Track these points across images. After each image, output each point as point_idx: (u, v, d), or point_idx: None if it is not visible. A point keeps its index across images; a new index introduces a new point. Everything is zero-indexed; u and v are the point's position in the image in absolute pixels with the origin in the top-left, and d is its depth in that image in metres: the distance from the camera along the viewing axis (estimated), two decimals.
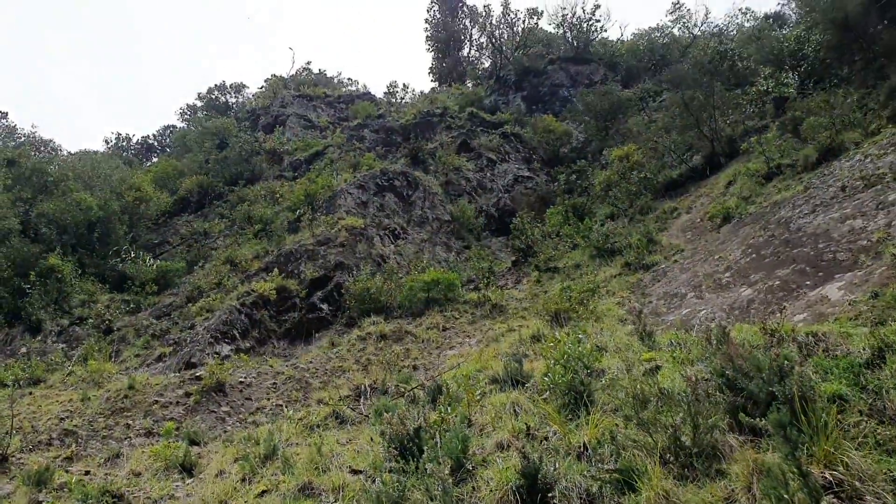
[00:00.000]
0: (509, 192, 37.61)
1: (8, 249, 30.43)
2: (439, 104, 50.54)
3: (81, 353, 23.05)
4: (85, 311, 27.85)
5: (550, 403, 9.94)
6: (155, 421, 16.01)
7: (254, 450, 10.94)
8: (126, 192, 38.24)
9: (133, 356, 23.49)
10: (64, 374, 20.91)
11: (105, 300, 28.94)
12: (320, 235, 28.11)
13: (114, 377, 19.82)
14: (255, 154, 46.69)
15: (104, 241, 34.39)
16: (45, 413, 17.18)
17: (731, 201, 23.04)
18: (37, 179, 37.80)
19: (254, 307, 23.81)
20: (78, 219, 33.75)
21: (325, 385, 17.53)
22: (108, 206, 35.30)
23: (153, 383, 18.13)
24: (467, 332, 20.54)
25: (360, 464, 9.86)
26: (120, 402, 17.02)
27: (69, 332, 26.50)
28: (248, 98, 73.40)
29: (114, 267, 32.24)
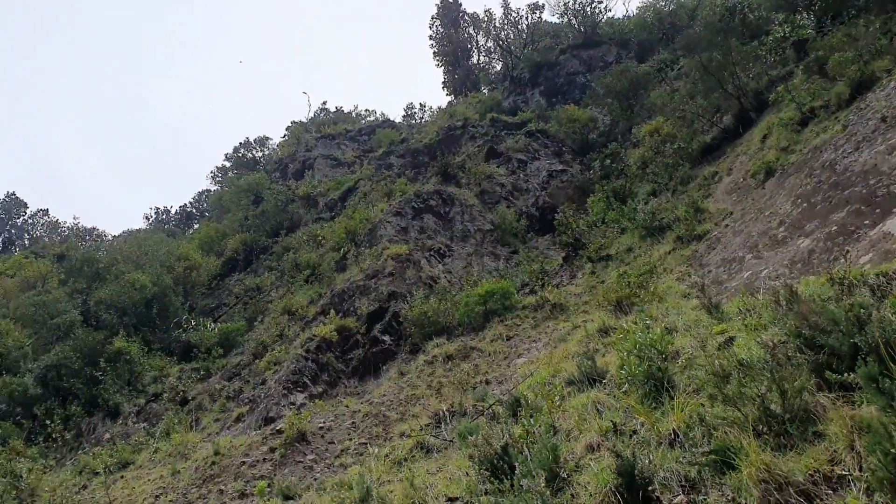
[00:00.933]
0: (546, 189, 37.43)
1: (74, 341, 31.34)
2: (459, 116, 50.65)
3: (163, 429, 23.53)
4: (158, 387, 28.46)
5: (631, 396, 9.82)
6: (246, 482, 16.22)
7: (348, 495, 11.01)
8: (175, 264, 39.09)
9: (212, 422, 23.88)
10: (150, 452, 21.37)
11: (175, 372, 29.53)
12: (368, 269, 28.31)
13: (198, 446, 20.18)
14: (290, 202, 47.35)
15: (163, 315, 35.17)
16: (140, 494, 17.56)
17: (770, 155, 22.58)
18: (88, 268, 38.94)
19: (318, 351, 24.04)
20: (135, 299, 34.58)
21: (403, 416, 17.58)
22: (161, 280, 36.11)
23: (237, 445, 18.40)
24: (532, 337, 20.43)
25: (455, 491, 9.85)
26: (209, 470, 17.30)
27: (147, 410, 27.10)
28: (273, 149, 74.59)
29: (177, 338, 32.95)
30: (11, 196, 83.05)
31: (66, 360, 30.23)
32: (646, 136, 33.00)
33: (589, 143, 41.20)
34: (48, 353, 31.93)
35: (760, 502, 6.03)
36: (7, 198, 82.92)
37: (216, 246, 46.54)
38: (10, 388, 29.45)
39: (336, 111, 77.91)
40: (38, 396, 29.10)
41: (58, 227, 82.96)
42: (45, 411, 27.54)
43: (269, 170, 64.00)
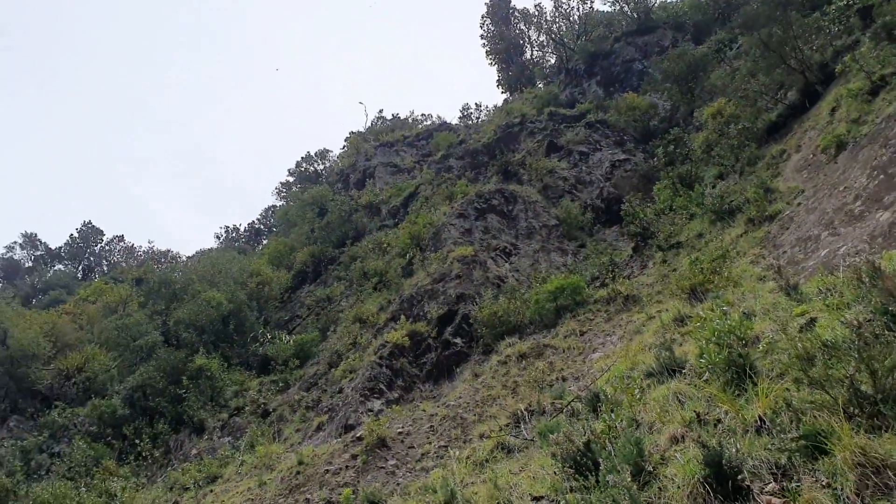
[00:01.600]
0: (609, 180, 36.97)
1: (157, 361, 32.43)
2: (516, 113, 50.40)
3: (247, 442, 24.12)
4: (240, 401, 29.18)
5: (713, 384, 9.64)
6: (331, 490, 16.49)
7: (432, 498, 11.09)
8: (248, 280, 40.02)
9: (294, 432, 24.36)
10: (236, 465, 21.92)
11: (255, 385, 30.23)
12: (435, 273, 28.46)
13: (282, 457, 20.60)
14: (353, 212, 47.96)
15: (240, 330, 36.07)
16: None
17: (840, 127, 21.80)
18: (165, 290, 40.20)
19: (391, 358, 24.29)
20: (212, 316, 35.54)
21: (481, 417, 17.60)
22: (236, 297, 37.03)
23: (320, 454, 18.72)
24: (606, 330, 20.20)
25: (539, 489, 9.82)
26: (294, 480, 17.65)
27: (231, 424, 27.81)
28: (333, 161, 75.68)
29: (255, 352, 33.72)
30: (88, 224, 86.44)
31: (151, 379, 31.30)
32: (708, 119, 32.25)
33: (651, 131, 40.51)
34: (133, 374, 33.13)
35: (857, 486, 5.85)
36: (84, 226, 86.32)
37: (285, 260, 47.49)
38: (100, 411, 30.64)
39: (393, 118, 78.57)
40: (126, 417, 30.18)
41: (133, 251, 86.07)
42: (134, 431, 28.56)
43: (332, 181, 64.96)
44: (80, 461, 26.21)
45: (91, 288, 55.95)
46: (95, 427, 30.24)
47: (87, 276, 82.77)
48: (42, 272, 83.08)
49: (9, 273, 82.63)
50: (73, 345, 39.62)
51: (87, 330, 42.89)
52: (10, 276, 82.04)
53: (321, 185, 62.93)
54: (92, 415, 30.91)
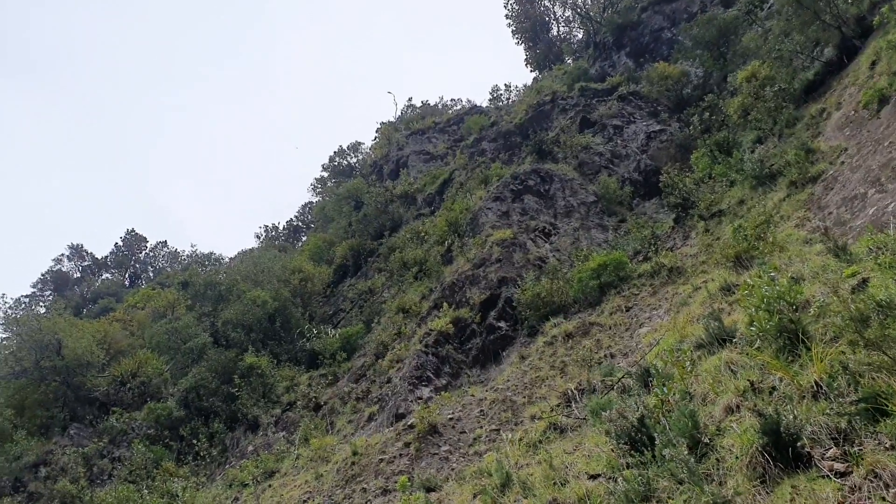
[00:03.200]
0: (646, 152, 36.49)
1: (208, 362, 33.05)
2: (546, 91, 49.94)
3: (301, 435, 24.44)
4: (291, 396, 29.57)
5: (765, 352, 9.51)
6: (386, 478, 16.65)
7: (488, 481, 11.13)
8: (290, 277, 40.42)
9: (346, 423, 24.61)
10: (292, 459, 22.24)
11: (305, 380, 30.59)
12: (474, 258, 28.42)
13: (336, 448, 20.85)
14: (389, 203, 48.06)
15: (286, 326, 36.50)
16: (288, 500, 18.33)
17: (882, 81, 21.17)
18: (211, 292, 40.82)
19: (437, 345, 24.36)
20: (258, 315, 36.03)
21: (530, 399, 17.59)
22: (280, 294, 37.47)
23: (373, 444, 18.90)
24: (652, 304, 20.00)
25: (595, 467, 9.80)
26: (350, 470, 17.85)
27: (284, 419, 28.20)
28: (366, 153, 75.91)
29: (302, 348, 34.11)
30: (131, 233, 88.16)
31: (203, 380, 31.93)
32: (743, 83, 31.56)
33: (684, 99, 39.83)
34: (186, 376, 33.82)
35: None
36: (128, 234, 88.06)
37: (325, 255, 47.87)
38: (156, 414, 31.35)
39: (422, 105, 78.48)
40: (182, 418, 30.84)
41: (177, 256, 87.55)
42: (191, 431, 29.16)
43: (365, 174, 65.17)
44: (140, 464, 26.84)
45: (139, 294, 57.17)
46: (153, 430, 30.93)
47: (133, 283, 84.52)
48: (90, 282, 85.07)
49: (59, 285, 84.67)
50: (125, 351, 40.52)
51: (138, 335, 43.80)
52: (60, 287, 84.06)
53: (355, 178, 63.22)
54: (149, 418, 31.62)
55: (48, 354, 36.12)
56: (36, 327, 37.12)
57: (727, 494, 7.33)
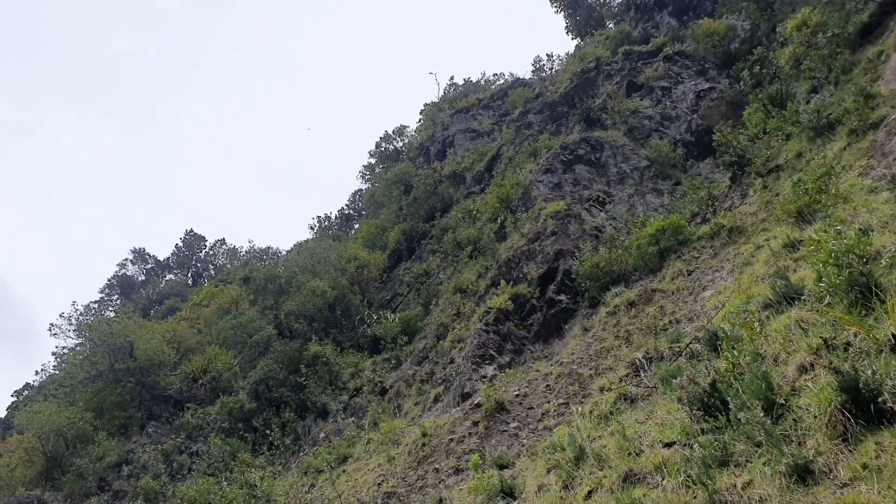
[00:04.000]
0: (696, 112, 35.60)
1: (274, 354, 33.74)
2: (590, 58, 49.06)
3: (370, 420, 24.79)
4: (357, 382, 29.98)
5: (836, 308, 9.24)
6: (457, 458, 16.75)
7: (562, 456, 11.07)
8: (346, 265, 40.86)
9: (413, 405, 24.83)
10: (363, 444, 22.57)
11: (369, 365, 30.95)
12: (529, 233, 28.22)
13: (406, 431, 21.06)
14: (438, 184, 48.01)
15: (346, 314, 36.96)
16: (363, 484, 18.60)
17: None
18: (271, 285, 41.55)
19: (497, 323, 24.33)
20: (318, 305, 36.55)
21: (597, 370, 17.45)
22: (338, 283, 37.91)
23: (441, 424, 19.03)
24: (714, 266, 19.58)
25: (669, 435, 9.67)
26: (421, 452, 18.02)
27: (352, 404, 28.62)
28: (412, 136, 75.88)
29: (364, 334, 34.52)
30: (190, 233, 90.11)
31: (271, 372, 32.60)
32: (793, 32, 30.49)
33: (732, 54, 38.68)
34: (254, 369, 34.57)
35: None
36: (187, 235, 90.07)
37: (379, 241, 48.20)
38: (229, 407, 32.14)
39: (465, 83, 77.95)
40: (254, 410, 31.55)
41: (236, 252, 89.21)
42: (263, 422, 29.81)
43: (412, 157, 65.19)
44: (217, 457, 27.60)
45: (202, 292, 58.52)
46: (227, 423, 31.74)
47: (196, 281, 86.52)
48: (155, 283, 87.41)
49: (125, 289, 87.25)
50: (194, 348, 41.61)
51: (206, 333, 44.91)
52: (127, 291, 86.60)
53: (403, 161, 63.28)
54: (222, 412, 32.45)
55: (121, 357, 37.31)
56: (108, 331, 38.35)
57: (808, 455, 7.16)
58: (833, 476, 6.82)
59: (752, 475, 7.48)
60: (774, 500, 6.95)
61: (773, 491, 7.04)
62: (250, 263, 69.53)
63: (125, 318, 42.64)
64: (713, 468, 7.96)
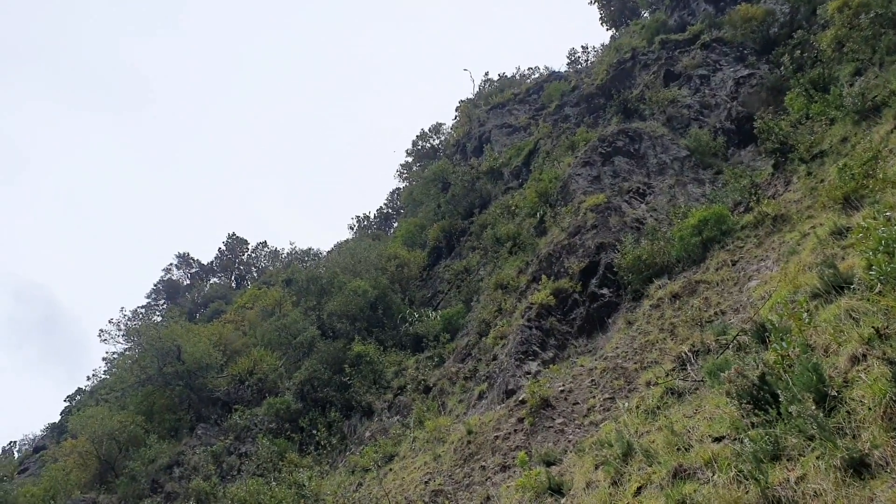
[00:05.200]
0: (736, 99, 34.99)
1: (318, 354, 34.09)
2: (625, 48, 48.51)
3: (415, 418, 24.88)
4: (401, 380, 30.13)
5: (888, 296, 9.04)
6: (503, 455, 16.75)
7: (609, 452, 11.01)
8: (387, 264, 41.05)
9: (457, 403, 24.88)
10: (409, 442, 22.69)
11: (412, 364, 31.08)
12: (569, 227, 28.05)
13: (451, 428, 21.11)
14: (476, 180, 47.98)
15: (388, 313, 37.16)
16: (410, 482, 18.70)
17: None
18: (313, 286, 41.93)
19: (539, 318, 24.23)
20: (360, 304, 36.81)
21: (642, 364, 17.28)
22: (379, 282, 38.14)
23: (486, 421, 19.03)
24: (759, 256, 19.25)
25: (719, 430, 9.55)
26: (466, 450, 18.05)
27: (396, 403, 28.78)
28: (448, 133, 75.85)
29: (406, 332, 34.68)
30: (233, 236, 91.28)
31: (316, 372, 32.95)
32: (834, 14, 29.81)
33: (772, 39, 37.93)
34: (299, 369, 34.98)
35: None
36: (230, 238, 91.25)
37: (418, 239, 48.35)
38: (276, 408, 32.56)
39: (500, 78, 77.62)
40: (300, 410, 31.93)
41: (278, 255, 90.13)
42: (310, 422, 30.17)
43: (449, 154, 65.21)
44: (265, 458, 27.97)
45: (246, 295, 59.29)
46: (274, 424, 32.15)
47: (240, 284, 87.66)
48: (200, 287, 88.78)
49: (170, 293, 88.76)
50: (240, 350, 42.18)
51: (250, 335, 45.48)
52: (172, 295, 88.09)
53: (440, 159, 63.34)
54: (269, 413, 32.88)
55: (170, 360, 37.99)
56: (156, 336, 39.10)
57: (863, 448, 7.02)
58: (890, 469, 6.68)
59: (806, 469, 7.36)
60: (830, 495, 6.82)
61: (827, 485, 6.92)
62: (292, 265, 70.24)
63: (172, 323, 43.41)
64: (765, 463, 7.84)
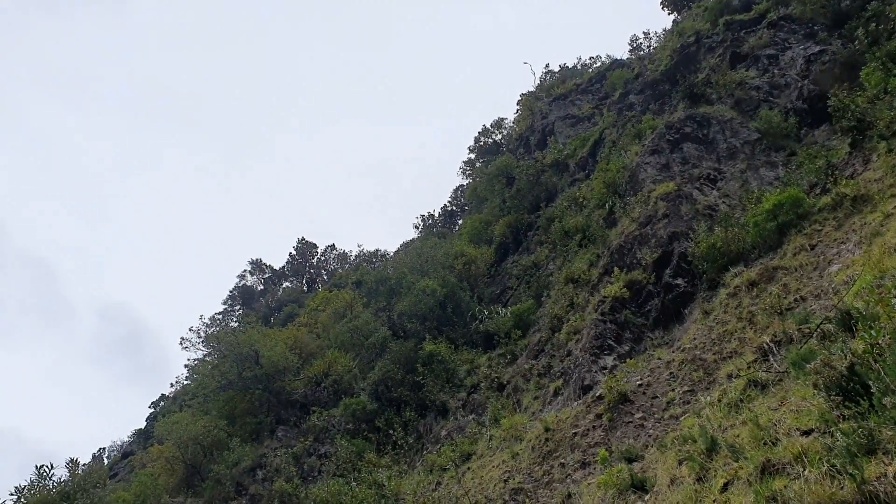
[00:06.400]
0: (807, 77, 33.74)
1: (391, 354, 34.36)
2: (689, 32, 47.33)
3: (490, 416, 24.83)
4: (474, 379, 30.07)
5: None
6: (583, 451, 16.54)
7: (693, 447, 10.72)
8: (454, 262, 41.07)
9: (532, 400, 24.71)
10: (485, 440, 22.62)
11: (484, 361, 30.98)
12: (639, 217, 27.53)
13: (527, 426, 20.98)
14: (541, 173, 47.58)
15: (457, 311, 37.15)
16: (489, 480, 18.64)
17: None
18: (383, 287, 42.38)
19: (613, 311, 23.87)
20: (429, 303, 36.91)
21: (721, 355, 16.82)
22: (447, 281, 38.17)
23: (563, 418, 18.83)
24: (839, 239, 18.51)
25: (807, 423, 9.18)
26: (544, 447, 17.88)
27: (470, 401, 28.75)
28: (510, 128, 75.45)
29: (476, 330, 34.62)
30: (302, 241, 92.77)
31: (389, 372, 33.22)
32: None
33: (843, 13, 36.42)
34: (373, 370, 35.30)
35: None
36: (300, 243, 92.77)
37: (484, 235, 48.19)
38: (352, 409, 32.96)
39: (561, 69, 76.85)
40: (375, 410, 32.24)
41: (346, 257, 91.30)
42: (385, 422, 30.42)
43: (512, 148, 64.84)
44: (345, 458, 28.34)
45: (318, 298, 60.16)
46: (351, 424, 32.56)
47: (311, 287, 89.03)
48: (273, 292, 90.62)
49: (245, 299, 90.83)
50: (315, 353, 42.89)
51: (324, 337, 46.17)
52: (247, 301, 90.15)
53: (503, 154, 63.03)
54: (345, 413, 33.31)
55: (248, 365, 38.91)
56: (234, 342, 40.11)
57: None
58: None
59: None
60: None
61: None
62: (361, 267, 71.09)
63: (249, 328, 44.42)
64: (859, 457, 7.50)
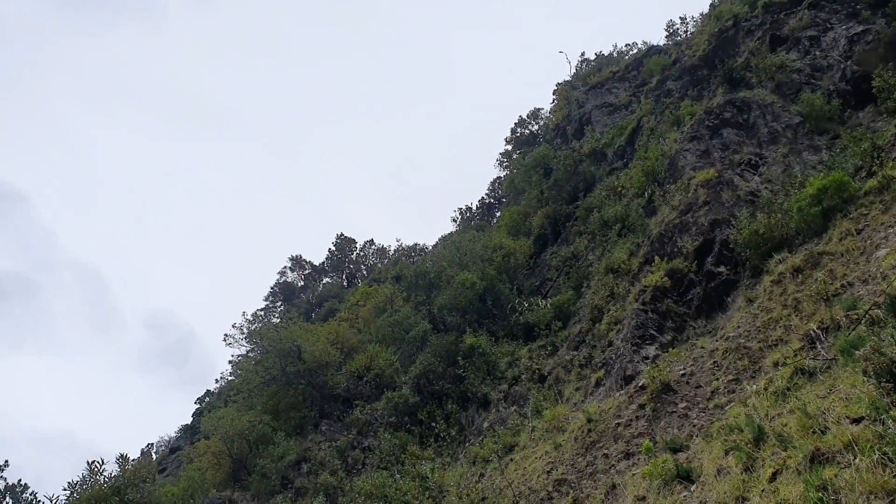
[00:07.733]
0: (850, 58, 32.91)
1: (431, 348, 34.54)
2: (727, 16, 46.46)
3: (532, 408, 24.77)
4: (514, 371, 30.05)
5: None
6: (626, 442, 16.43)
7: (739, 437, 10.58)
8: (492, 255, 41.02)
9: (573, 391, 24.61)
10: (528, 432, 22.59)
11: (525, 353, 30.94)
12: (679, 205, 27.19)
13: (569, 417, 20.89)
14: (578, 163, 47.27)
15: (497, 304, 37.15)
16: (532, 472, 18.63)
17: None
18: (422, 281, 42.52)
19: (654, 301, 23.63)
20: (469, 297, 36.93)
21: (766, 343, 16.55)
22: (486, 273, 38.15)
23: (605, 409, 18.72)
24: (886, 223, 18.05)
25: (857, 410, 9.00)
26: (587, 438, 17.81)
27: (511, 393, 28.73)
28: (547, 118, 75.08)
29: (516, 322, 34.58)
30: (341, 237, 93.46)
31: (430, 365, 33.37)
32: None
33: None
34: (414, 363, 35.48)
35: None
36: (338, 239, 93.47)
37: (522, 227, 48.07)
38: (394, 402, 33.19)
39: (597, 57, 76.28)
40: (417, 403, 32.41)
41: (385, 252, 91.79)
42: (428, 415, 30.59)
43: (549, 139, 64.53)
44: (388, 451, 28.58)
45: (358, 293, 60.67)
46: (393, 417, 32.80)
47: (350, 282, 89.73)
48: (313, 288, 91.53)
49: (287, 295, 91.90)
50: (356, 347, 43.22)
51: (365, 331, 46.54)
52: (289, 297, 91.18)
53: (540, 145, 62.76)
54: (388, 407, 33.55)
55: (291, 360, 39.37)
56: (277, 337, 40.60)
57: None
58: None
59: None
60: None
61: None
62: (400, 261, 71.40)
63: (291, 324, 44.91)
64: None
